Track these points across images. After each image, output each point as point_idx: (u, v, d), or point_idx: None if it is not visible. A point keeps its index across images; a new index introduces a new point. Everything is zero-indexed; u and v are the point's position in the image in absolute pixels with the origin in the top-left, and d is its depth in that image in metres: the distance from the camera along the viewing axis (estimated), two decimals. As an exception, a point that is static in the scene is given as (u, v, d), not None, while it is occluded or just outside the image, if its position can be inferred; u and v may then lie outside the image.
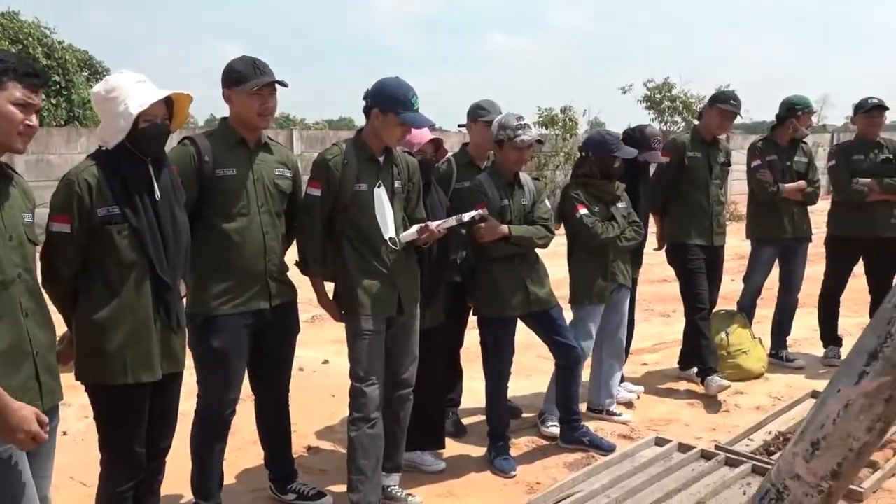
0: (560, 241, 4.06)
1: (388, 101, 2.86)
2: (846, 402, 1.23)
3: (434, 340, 3.39)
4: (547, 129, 14.71)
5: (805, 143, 5.07)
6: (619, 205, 3.98)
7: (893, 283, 1.32)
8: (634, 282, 4.38)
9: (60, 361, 2.18)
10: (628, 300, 4.19)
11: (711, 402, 4.49)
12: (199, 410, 2.90)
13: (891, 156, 4.92)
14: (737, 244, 6.15)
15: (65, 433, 3.87)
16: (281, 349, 3.05)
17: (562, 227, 4.00)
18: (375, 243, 2.94)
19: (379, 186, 2.95)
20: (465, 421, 4.13)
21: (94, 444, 2.52)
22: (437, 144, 3.38)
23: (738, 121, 4.87)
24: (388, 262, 2.96)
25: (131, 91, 2.30)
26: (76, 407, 3.97)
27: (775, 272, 5.18)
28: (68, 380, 2.27)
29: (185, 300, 2.56)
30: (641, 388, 4.60)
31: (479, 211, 3.28)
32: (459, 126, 4.30)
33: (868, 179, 4.85)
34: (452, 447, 3.86)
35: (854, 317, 5.68)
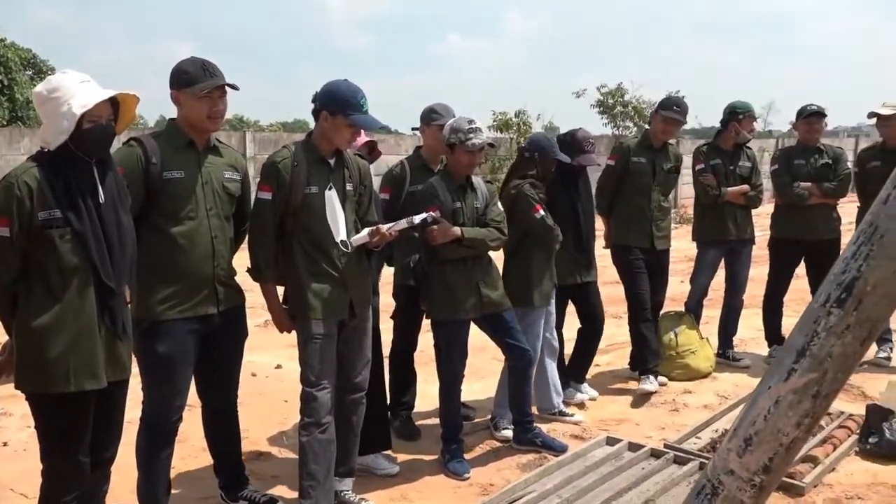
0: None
1: (337, 103, 2.86)
2: (776, 398, 1.28)
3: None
4: (501, 132, 14.82)
5: (749, 147, 5.21)
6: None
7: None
8: (594, 284, 4.45)
9: (1, 373, 2.11)
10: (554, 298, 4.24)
11: (659, 401, 4.58)
12: (145, 417, 2.84)
13: (830, 161, 5.10)
14: (686, 246, 6.29)
15: (5, 444, 3.75)
16: (229, 355, 3.01)
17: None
18: (326, 246, 2.93)
19: (330, 189, 2.94)
20: (419, 424, 4.13)
21: (36, 454, 2.45)
22: (370, 146, 3.39)
23: (688, 126, 4.98)
24: (340, 265, 2.95)
25: (75, 91, 2.25)
26: (18, 416, 3.84)
27: (721, 274, 5.31)
28: (9, 388, 2.20)
29: (130, 305, 2.51)
30: (596, 393, 4.64)
31: (431, 213, 3.29)
32: (413, 129, 4.31)
33: (808, 184, 5.01)
34: (406, 450, 3.86)
35: (796, 317, 5.83)
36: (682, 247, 7.09)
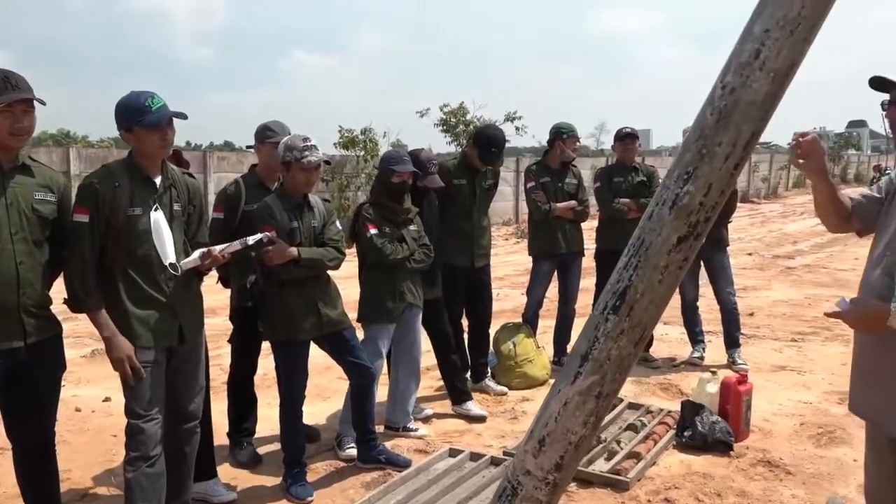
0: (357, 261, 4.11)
1: (127, 116, 2.72)
2: (565, 400, 1.38)
3: None
4: (348, 150, 14.79)
5: (574, 165, 5.56)
6: (411, 227, 4.10)
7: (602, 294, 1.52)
8: (439, 301, 4.52)
9: None
10: (419, 320, 4.30)
11: (499, 410, 4.75)
12: (-57, 465, 2.55)
13: (645, 178, 5.54)
14: (526, 260, 6.57)
15: None
16: (41, 390, 2.76)
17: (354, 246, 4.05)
18: (152, 270, 2.78)
19: (156, 210, 2.80)
20: (261, 450, 4.02)
21: None
22: (177, 157, 3.27)
23: (528, 143, 5.18)
24: (168, 289, 2.81)
25: None
26: None
27: (555, 285, 5.60)
28: None
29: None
30: (431, 411, 4.71)
31: (267, 233, 3.23)
32: (247, 147, 4.21)
33: (627, 199, 5.42)
34: (247, 477, 3.75)
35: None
36: (522, 260, 7.42)
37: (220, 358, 4.91)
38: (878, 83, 2.07)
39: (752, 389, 4.26)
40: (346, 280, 4.26)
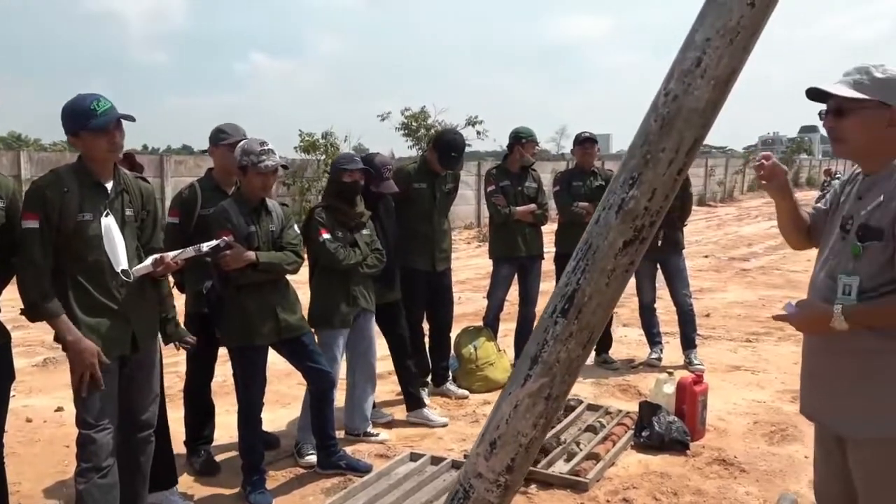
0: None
1: (73, 122, 2.67)
2: (515, 403, 1.40)
3: None
4: (308, 153, 14.69)
5: (534, 170, 5.61)
6: (364, 231, 4.09)
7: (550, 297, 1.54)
8: (398, 304, 4.51)
9: None
10: (373, 324, 4.28)
11: (460, 414, 4.76)
12: None
13: (604, 182, 5.61)
14: (488, 264, 6.59)
15: None
16: (-13, 400, 2.70)
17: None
18: (104, 277, 2.73)
19: (107, 215, 2.75)
20: (220, 457, 3.97)
21: None
22: (130, 161, 3.22)
23: (490, 147, 5.20)
24: (120, 296, 2.76)
25: None
26: None
27: (516, 288, 5.64)
28: None
29: None
30: (391, 416, 4.70)
31: (224, 238, 3.20)
32: (201, 151, 4.15)
33: (586, 203, 5.48)
34: (205, 486, 3.70)
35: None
36: (483, 264, 7.44)
37: (176, 365, 4.83)
38: (814, 94, 2.13)
39: (707, 389, 4.35)
40: (296, 284, 4.22)
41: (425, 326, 5.05)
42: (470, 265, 11.43)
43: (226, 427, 4.09)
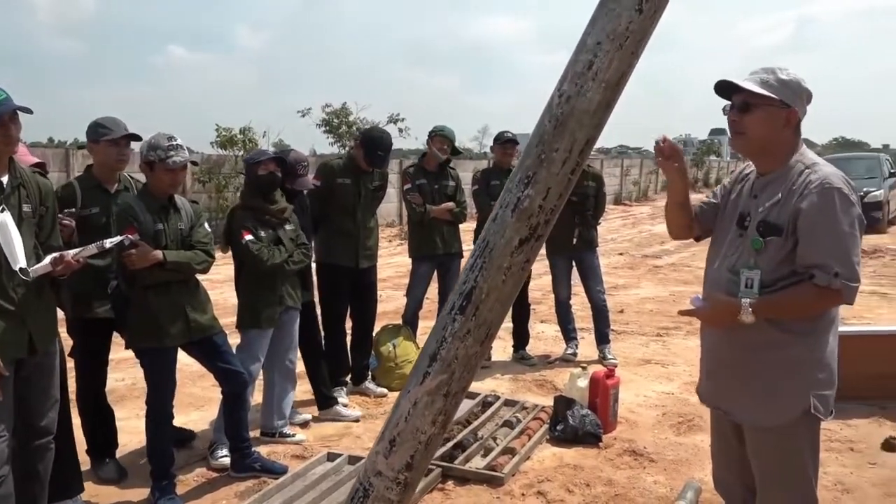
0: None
1: None
2: (414, 401, 1.41)
3: None
4: (226, 149, 14.32)
5: (452, 168, 5.63)
6: (287, 227, 4.03)
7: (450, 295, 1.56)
8: (311, 304, 4.46)
9: None
10: (297, 322, 4.23)
11: (379, 413, 4.75)
12: None
13: (521, 181, 5.69)
14: (409, 262, 6.59)
15: None
16: None
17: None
18: (0, 277, 2.59)
19: (3, 211, 2.61)
20: (128, 463, 3.84)
21: None
22: (40, 166, 3.08)
23: (413, 146, 5.18)
24: (16, 297, 2.62)
25: None
26: None
27: (435, 286, 5.66)
28: None
29: None
30: (309, 416, 4.63)
31: (129, 236, 3.08)
32: (79, 147, 3.98)
33: (504, 202, 5.54)
34: (111, 494, 3.57)
35: (504, 322, 6.44)
36: (405, 262, 7.43)
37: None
38: (722, 88, 2.23)
39: (619, 383, 4.48)
40: (226, 284, 4.12)
41: (348, 324, 5.01)
42: (391, 263, 11.40)
43: (135, 432, 3.95)
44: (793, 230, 2.11)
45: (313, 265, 4.53)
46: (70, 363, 3.46)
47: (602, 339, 5.87)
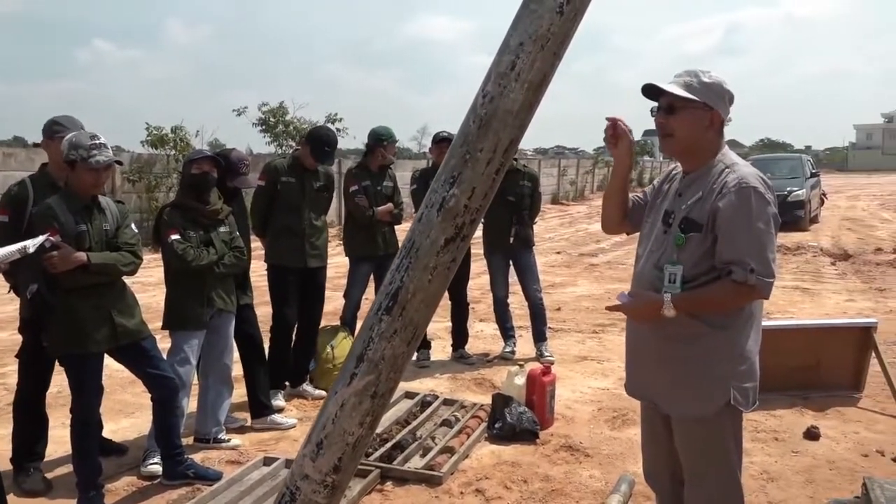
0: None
1: None
2: (341, 402, 1.40)
3: None
4: (156, 148, 13.94)
5: (391, 168, 5.63)
6: (221, 229, 3.94)
7: (377, 294, 1.54)
8: (251, 307, 4.37)
9: None
10: (232, 326, 4.14)
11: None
12: None
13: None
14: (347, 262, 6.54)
15: None
16: None
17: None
18: None
19: None
20: (52, 474, 3.70)
21: None
22: None
23: (351, 145, 5.17)
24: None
25: None
26: None
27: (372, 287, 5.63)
28: None
29: None
30: (245, 420, 4.54)
31: (50, 237, 2.97)
32: (34, 144, 3.86)
33: (441, 201, 5.57)
34: (34, 507, 3.42)
35: (443, 321, 6.46)
36: (345, 262, 7.36)
37: (5, 377, 4.44)
38: (649, 90, 2.29)
39: (555, 380, 4.55)
40: (158, 287, 4.01)
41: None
42: (330, 264, 11.26)
43: (60, 441, 3.81)
44: (712, 227, 2.18)
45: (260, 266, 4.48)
46: (12, 366, 3.33)
47: (539, 336, 5.94)
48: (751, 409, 2.29)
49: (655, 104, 2.30)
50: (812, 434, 4.19)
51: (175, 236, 3.73)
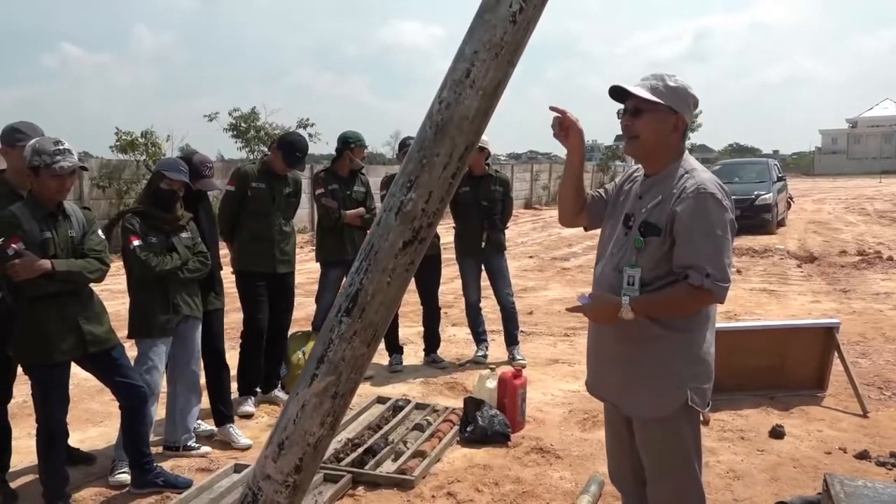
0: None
1: None
2: (302, 403, 1.42)
3: None
4: (126, 153, 13.78)
5: (363, 173, 5.64)
6: (183, 235, 3.92)
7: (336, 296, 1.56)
8: (220, 312, 4.34)
9: None
10: (199, 331, 4.11)
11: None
12: None
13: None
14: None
15: None
16: None
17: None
18: None
19: None
20: (18, 485, 3.64)
21: None
22: None
23: (324, 150, 5.16)
24: None
25: None
26: None
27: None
28: None
29: None
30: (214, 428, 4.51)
31: (12, 245, 2.93)
32: None
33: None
34: (-2, 519, 3.36)
35: (415, 326, 6.48)
36: (317, 267, 7.35)
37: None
38: (616, 93, 2.33)
39: (526, 383, 4.58)
40: (126, 294, 3.98)
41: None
42: (302, 269, 11.21)
43: (26, 451, 3.76)
44: (670, 231, 2.22)
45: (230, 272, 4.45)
46: None
47: (511, 340, 5.98)
48: (706, 409, 2.35)
49: (622, 106, 2.34)
50: (777, 433, 4.27)
51: (137, 242, 3.70)
